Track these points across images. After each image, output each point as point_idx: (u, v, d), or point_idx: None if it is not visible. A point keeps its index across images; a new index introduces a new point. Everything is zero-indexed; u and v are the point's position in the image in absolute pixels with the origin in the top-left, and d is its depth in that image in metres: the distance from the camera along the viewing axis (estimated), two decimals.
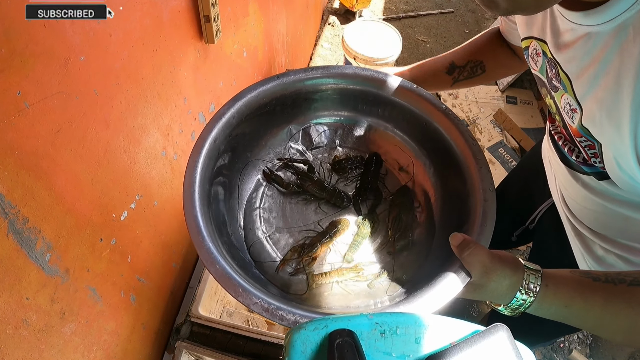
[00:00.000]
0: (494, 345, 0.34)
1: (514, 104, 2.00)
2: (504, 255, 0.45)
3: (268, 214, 0.66)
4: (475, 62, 0.69)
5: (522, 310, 0.44)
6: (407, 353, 0.34)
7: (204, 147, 0.55)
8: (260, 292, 0.45)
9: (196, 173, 0.53)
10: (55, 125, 0.44)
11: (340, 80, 0.67)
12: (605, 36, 0.37)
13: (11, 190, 0.39)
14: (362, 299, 0.56)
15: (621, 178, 0.42)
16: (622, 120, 0.36)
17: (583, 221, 0.58)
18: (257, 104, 0.63)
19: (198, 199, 0.51)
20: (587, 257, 0.60)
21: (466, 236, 0.46)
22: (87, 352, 0.57)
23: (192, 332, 0.75)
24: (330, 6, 2.45)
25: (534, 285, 0.42)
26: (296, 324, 0.43)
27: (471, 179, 0.55)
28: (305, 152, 0.72)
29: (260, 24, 1.10)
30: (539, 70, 0.52)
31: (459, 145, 0.58)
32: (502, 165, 1.77)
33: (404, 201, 0.66)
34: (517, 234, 0.93)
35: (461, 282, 0.44)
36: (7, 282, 0.41)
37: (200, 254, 0.47)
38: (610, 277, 0.41)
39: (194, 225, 0.48)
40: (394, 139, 0.71)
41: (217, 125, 0.58)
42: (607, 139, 0.41)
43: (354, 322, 0.35)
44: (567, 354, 1.31)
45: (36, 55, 0.39)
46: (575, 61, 0.42)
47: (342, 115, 0.73)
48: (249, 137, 0.65)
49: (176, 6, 0.63)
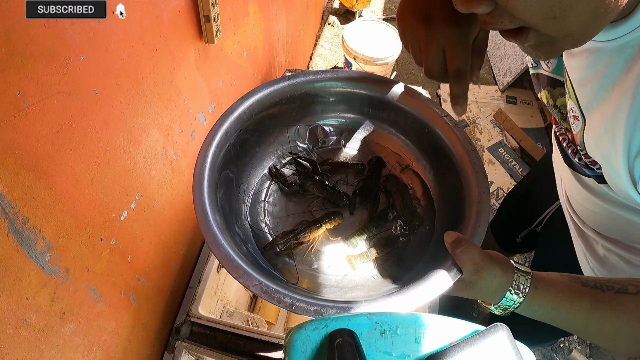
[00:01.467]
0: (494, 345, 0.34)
1: (514, 104, 2.00)
2: (496, 255, 0.46)
3: (272, 207, 0.68)
4: None
5: (511, 310, 0.45)
6: (407, 353, 0.34)
7: (215, 138, 0.58)
8: (260, 275, 0.47)
9: (206, 162, 0.56)
10: (55, 125, 0.44)
11: (348, 84, 0.70)
12: (610, 53, 0.38)
13: (11, 190, 0.39)
14: (357, 292, 0.58)
15: (617, 186, 0.43)
16: (617, 134, 0.37)
17: (586, 222, 0.59)
18: (268, 102, 0.66)
19: (207, 186, 0.54)
20: (590, 258, 0.60)
21: (460, 234, 0.48)
22: (87, 352, 0.57)
23: (192, 332, 0.75)
24: (330, 6, 2.45)
25: (523, 286, 0.43)
26: (292, 307, 0.45)
27: (468, 183, 0.57)
28: (311, 151, 0.74)
29: (260, 24, 1.10)
30: (553, 70, 0.52)
31: (457, 151, 0.61)
32: (502, 165, 1.77)
33: (400, 187, 0.69)
34: (522, 236, 0.93)
35: (452, 277, 0.46)
36: (7, 282, 0.41)
37: (206, 237, 0.50)
38: (599, 284, 0.42)
39: (201, 210, 0.52)
40: (397, 142, 0.74)
41: (228, 119, 0.61)
42: (602, 152, 0.41)
43: (354, 322, 0.35)
44: (567, 354, 1.31)
45: (36, 55, 0.39)
46: (579, 71, 0.43)
47: (348, 118, 0.75)
48: (258, 133, 0.68)
49: (176, 6, 0.63)
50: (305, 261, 0.63)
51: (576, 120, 0.45)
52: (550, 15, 0.30)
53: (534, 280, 0.44)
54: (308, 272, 0.62)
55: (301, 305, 0.45)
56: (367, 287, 0.59)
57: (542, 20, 0.31)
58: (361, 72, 0.69)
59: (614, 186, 0.44)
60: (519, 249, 1.02)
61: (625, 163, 0.37)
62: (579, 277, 0.44)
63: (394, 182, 0.70)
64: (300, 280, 0.60)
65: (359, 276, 0.60)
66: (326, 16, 2.38)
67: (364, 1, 2.23)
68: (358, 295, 0.56)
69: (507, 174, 1.74)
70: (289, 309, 0.45)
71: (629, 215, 0.49)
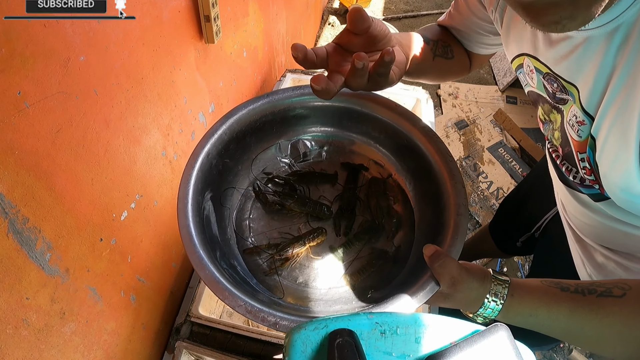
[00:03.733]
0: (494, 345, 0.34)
1: (514, 104, 2.00)
2: (472, 267, 0.47)
3: (257, 224, 0.70)
4: (445, 43, 0.66)
5: (491, 319, 0.46)
6: (407, 353, 0.34)
7: (197, 161, 0.60)
8: (245, 296, 0.49)
9: (189, 186, 0.57)
10: (55, 125, 0.44)
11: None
12: (605, 37, 0.37)
13: (11, 190, 0.39)
14: (341, 305, 0.60)
15: (618, 195, 0.42)
16: (630, 122, 0.36)
17: (583, 233, 0.58)
18: (247, 121, 0.67)
19: (191, 210, 0.55)
20: (587, 264, 0.59)
21: (438, 248, 0.49)
22: (87, 352, 0.57)
23: (192, 332, 0.75)
24: (330, 6, 2.45)
25: (500, 294, 0.44)
26: (276, 325, 0.46)
27: (447, 194, 0.58)
28: (294, 165, 0.76)
29: (260, 24, 1.10)
30: (537, 87, 0.52)
31: (436, 162, 0.62)
32: (502, 165, 1.77)
33: (377, 190, 0.71)
34: (522, 240, 0.94)
35: (430, 290, 0.48)
36: (7, 282, 0.41)
37: (192, 260, 0.51)
38: (580, 288, 0.42)
39: (186, 233, 0.53)
40: (377, 153, 0.75)
41: (210, 140, 0.62)
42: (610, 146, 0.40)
43: (354, 322, 0.35)
44: (567, 354, 1.31)
45: (36, 55, 0.39)
46: (577, 70, 0.42)
47: (328, 131, 0.77)
48: (240, 151, 0.70)
49: (176, 6, 0.63)
50: (291, 276, 0.65)
51: (582, 126, 0.44)
52: None
53: (512, 288, 0.44)
54: (293, 286, 0.64)
55: (284, 324, 0.47)
56: (351, 298, 0.61)
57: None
58: None
59: (614, 195, 0.43)
60: (519, 253, 1.02)
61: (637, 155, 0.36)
62: (560, 282, 0.44)
63: (376, 184, 0.72)
64: (286, 294, 0.62)
65: (342, 288, 0.63)
66: (326, 16, 2.38)
67: (364, 1, 2.23)
68: (342, 308, 0.58)
69: (507, 174, 1.74)
70: (272, 327, 0.47)
71: (627, 228, 0.48)
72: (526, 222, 0.89)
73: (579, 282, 0.43)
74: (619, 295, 0.40)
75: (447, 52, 0.66)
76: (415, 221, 0.68)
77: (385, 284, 0.62)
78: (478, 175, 1.74)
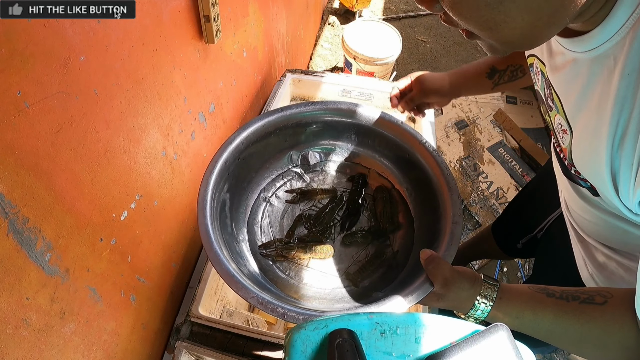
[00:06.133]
0: (494, 344, 0.34)
1: (514, 104, 2.00)
2: (464, 270, 0.51)
3: (268, 227, 0.77)
4: (514, 66, 0.69)
5: (481, 319, 0.49)
6: (407, 353, 0.34)
7: (216, 167, 0.66)
8: (256, 289, 0.54)
9: (208, 189, 0.64)
10: (55, 125, 0.44)
11: (336, 114, 0.79)
12: (588, 63, 0.38)
13: (11, 190, 0.39)
14: (343, 303, 0.66)
15: (607, 198, 0.44)
16: (600, 148, 0.38)
17: (585, 231, 0.59)
18: (263, 132, 0.74)
19: (209, 210, 0.61)
20: (589, 264, 0.60)
21: (434, 252, 0.54)
22: (87, 352, 0.57)
23: (192, 332, 0.75)
24: (330, 6, 2.45)
25: (489, 297, 0.47)
26: (284, 315, 0.51)
27: (444, 204, 0.64)
28: (303, 175, 0.84)
29: (260, 24, 1.10)
30: (540, 87, 0.54)
31: (435, 174, 0.68)
32: (502, 165, 1.77)
33: (383, 197, 0.77)
34: (523, 242, 0.94)
35: (425, 290, 0.52)
36: (7, 282, 0.41)
37: (210, 255, 0.57)
38: (565, 294, 0.45)
39: (204, 231, 0.59)
40: (381, 166, 0.83)
41: (227, 149, 0.69)
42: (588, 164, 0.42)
43: (354, 322, 0.35)
44: (567, 354, 1.31)
45: (36, 55, 0.39)
46: (564, 84, 0.44)
47: (336, 144, 0.85)
48: (255, 159, 0.77)
49: (176, 6, 0.63)
50: (299, 277, 0.70)
51: (565, 134, 0.46)
52: (485, 27, 0.33)
53: (501, 291, 0.48)
54: (300, 285, 0.69)
55: (292, 315, 0.51)
56: (353, 297, 0.66)
57: (480, 31, 0.34)
58: (348, 103, 0.78)
59: (604, 197, 0.45)
60: (519, 254, 1.03)
61: (609, 177, 0.38)
62: (547, 287, 0.47)
63: (383, 192, 0.78)
64: (294, 292, 0.66)
65: (345, 289, 0.68)
66: (326, 16, 2.38)
67: (364, 1, 2.23)
68: (344, 306, 0.63)
69: (507, 174, 1.74)
70: (281, 317, 0.51)
71: (625, 225, 0.49)
72: (530, 222, 0.90)
73: (564, 288, 0.46)
74: (600, 302, 0.42)
75: (515, 75, 0.70)
76: (415, 228, 0.73)
77: (386, 284, 0.65)
78: (478, 175, 1.74)
